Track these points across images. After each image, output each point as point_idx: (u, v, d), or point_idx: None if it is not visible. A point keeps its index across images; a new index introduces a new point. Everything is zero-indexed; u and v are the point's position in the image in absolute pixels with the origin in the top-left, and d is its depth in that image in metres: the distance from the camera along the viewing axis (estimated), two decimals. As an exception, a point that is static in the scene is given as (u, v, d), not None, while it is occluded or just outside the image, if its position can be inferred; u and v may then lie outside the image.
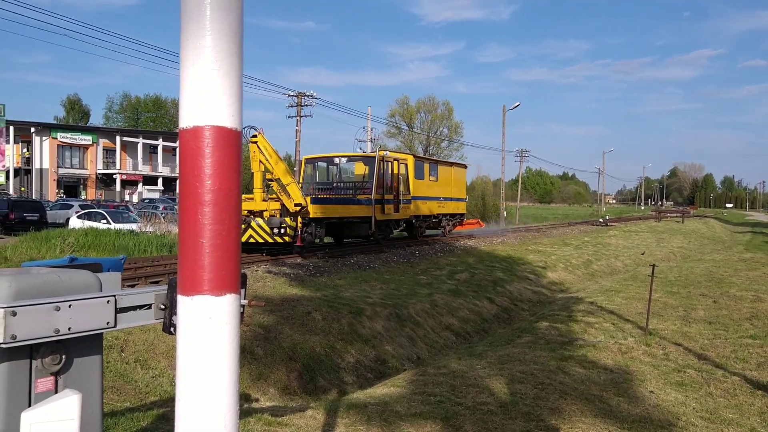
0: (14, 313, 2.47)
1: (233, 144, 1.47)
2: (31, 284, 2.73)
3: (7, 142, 51.78)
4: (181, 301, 1.49)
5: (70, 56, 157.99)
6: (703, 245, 35.22)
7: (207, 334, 1.45)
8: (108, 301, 2.81)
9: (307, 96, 46.24)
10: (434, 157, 50.07)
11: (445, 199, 28.29)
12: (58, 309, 2.63)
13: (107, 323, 2.82)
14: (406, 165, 24.19)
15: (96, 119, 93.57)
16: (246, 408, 6.42)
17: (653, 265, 10.70)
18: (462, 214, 30.97)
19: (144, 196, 59.26)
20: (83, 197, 57.10)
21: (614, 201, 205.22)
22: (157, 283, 12.09)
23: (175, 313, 3.01)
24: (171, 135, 71.54)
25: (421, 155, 43.32)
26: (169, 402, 6.45)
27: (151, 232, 23.65)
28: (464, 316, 14.17)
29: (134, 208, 38.11)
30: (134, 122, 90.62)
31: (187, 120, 1.46)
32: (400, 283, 15.44)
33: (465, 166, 33.53)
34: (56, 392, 2.77)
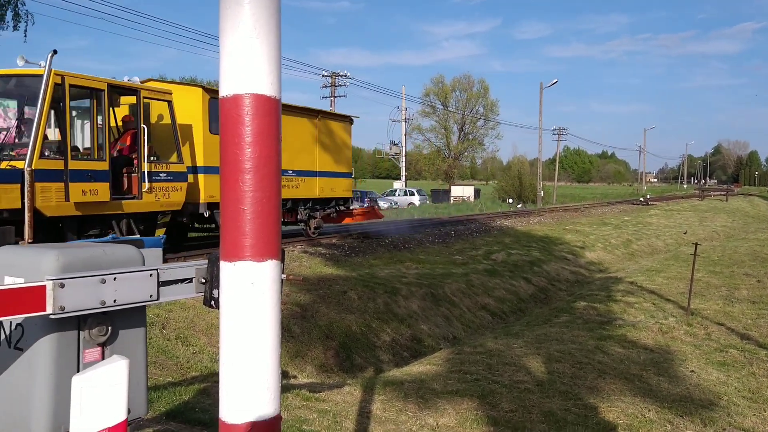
0: (62, 285, 2.54)
1: (272, 111, 1.47)
2: (78, 258, 2.80)
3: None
4: (224, 266, 1.51)
5: (108, 41, 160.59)
6: (747, 224, 34.30)
7: (249, 299, 1.47)
8: (151, 275, 2.87)
9: (341, 76, 46.19)
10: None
11: (300, 173, 15.97)
12: (103, 282, 2.69)
13: (150, 296, 2.88)
14: (171, 105, 12.32)
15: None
16: (284, 384, 6.52)
17: (696, 244, 10.48)
18: (345, 199, 18.26)
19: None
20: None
21: (655, 180, 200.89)
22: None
23: (216, 287, 3.09)
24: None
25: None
26: (209, 377, 6.59)
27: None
28: (500, 296, 14.11)
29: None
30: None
31: (227, 88, 1.47)
32: (435, 263, 15.44)
33: (347, 120, 18.73)
34: (102, 363, 2.85)
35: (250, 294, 1.46)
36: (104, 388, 1.85)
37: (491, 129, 72.47)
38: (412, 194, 50.73)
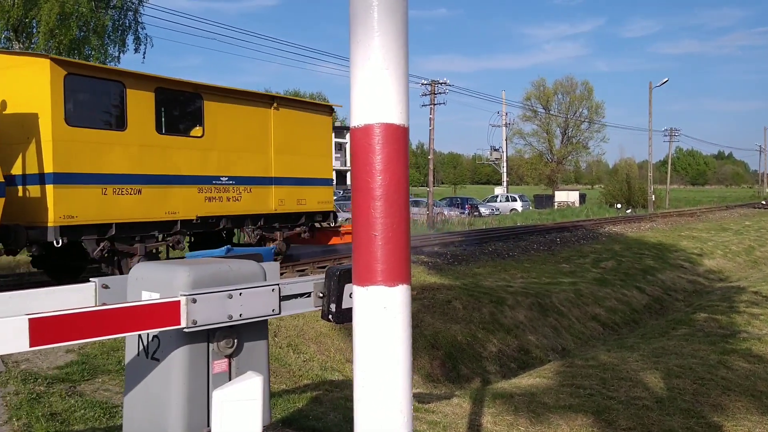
0: (194, 300, 2.70)
1: (401, 140, 1.51)
2: (206, 273, 2.97)
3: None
4: (357, 291, 1.55)
5: (217, 58, 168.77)
6: None
7: (382, 323, 1.51)
8: (273, 290, 3.00)
9: (441, 83, 46.19)
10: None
11: (242, 181, 12.04)
12: (230, 297, 2.84)
13: (273, 310, 3.01)
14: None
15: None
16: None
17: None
18: (325, 214, 14.22)
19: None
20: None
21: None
22: (303, 272, 12.69)
23: (333, 301, 3.18)
24: (310, 129, 74.46)
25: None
26: (320, 385, 6.76)
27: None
28: (612, 306, 13.58)
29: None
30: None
31: (358, 119, 1.52)
32: (541, 271, 15.09)
33: (324, 110, 14.40)
34: (230, 374, 3.00)
35: (383, 318, 1.50)
36: (241, 402, 1.95)
37: (596, 132, 70.02)
38: (514, 200, 49.84)
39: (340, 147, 76.29)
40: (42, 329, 2.34)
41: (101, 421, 4.47)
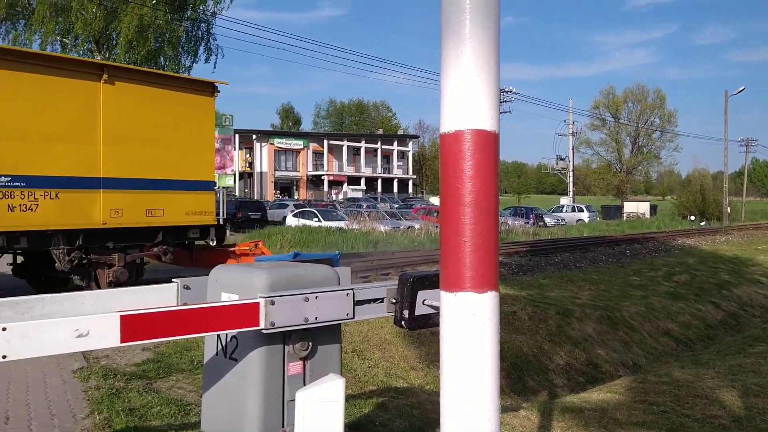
0: (273, 303, 2.77)
1: (491, 146, 1.51)
2: (283, 277, 3.04)
3: (235, 148, 58.00)
4: (445, 296, 1.56)
5: (284, 68, 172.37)
6: None
7: (470, 330, 1.51)
8: (347, 294, 3.03)
9: (506, 92, 45.75)
10: None
11: (42, 183, 8.74)
12: (307, 300, 2.89)
13: (347, 314, 3.04)
14: None
15: (306, 125, 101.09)
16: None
17: None
18: (202, 229, 10.82)
19: (349, 196, 62.83)
20: (296, 197, 62.01)
21: None
22: (367, 278, 12.77)
23: (406, 308, 3.19)
24: (372, 137, 75.08)
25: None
26: (385, 392, 6.77)
27: (357, 230, 25.04)
28: (685, 321, 13.08)
29: (341, 206, 40.57)
30: (339, 126, 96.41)
31: (448, 125, 1.53)
32: (609, 284, 14.69)
33: (201, 89, 10.78)
34: (304, 376, 3.05)
35: (472, 325, 1.50)
36: (324, 404, 1.98)
37: (668, 141, 67.74)
38: (581, 210, 48.74)
39: (403, 155, 76.42)
40: (132, 326, 2.44)
41: (176, 418, 4.61)
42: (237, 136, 59.74)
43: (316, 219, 28.29)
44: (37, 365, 5.66)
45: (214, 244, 11.09)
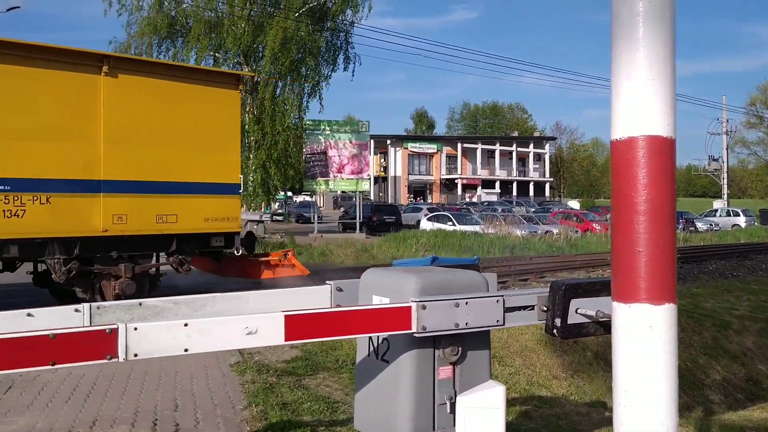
0: (424, 307, 2.81)
1: (668, 152, 1.45)
2: (433, 282, 3.08)
3: (370, 154, 59.49)
4: (618, 308, 1.52)
5: (418, 73, 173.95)
6: None
7: (647, 343, 1.45)
8: (498, 301, 3.02)
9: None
10: None
11: (29, 185, 7.92)
12: (457, 305, 2.91)
13: (497, 321, 3.03)
14: None
15: (440, 129, 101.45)
16: (608, 416, 6.28)
17: None
18: (224, 237, 9.76)
19: (483, 199, 62.27)
20: (429, 201, 62.40)
21: None
22: (504, 283, 12.58)
23: (557, 316, 3.13)
24: (507, 140, 73.93)
25: None
26: (528, 400, 6.64)
27: (492, 234, 24.74)
28: None
29: (475, 210, 40.28)
30: (473, 129, 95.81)
31: (620, 131, 1.49)
32: (772, 294, 13.47)
33: (223, 80, 9.88)
34: (454, 381, 3.08)
35: (648, 338, 1.44)
36: (485, 410, 1.99)
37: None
38: (737, 215, 45.03)
39: (539, 158, 74.57)
40: (295, 326, 2.58)
41: (325, 414, 4.81)
42: (372, 141, 61.27)
43: (451, 223, 28.29)
44: (199, 358, 6.12)
45: (239, 254, 10.04)
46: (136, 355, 2.26)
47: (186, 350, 2.37)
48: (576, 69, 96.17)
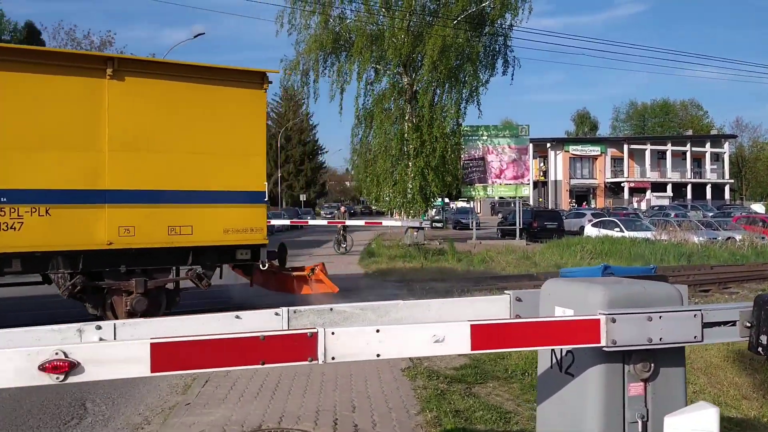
0: (614, 320, 2.69)
1: None
2: (621, 293, 2.94)
3: (530, 158, 58.25)
4: None
5: (579, 73, 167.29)
6: None
7: None
8: (695, 315, 2.82)
9: None
10: None
11: (25, 197, 7.55)
12: (650, 319, 2.75)
13: (694, 337, 2.82)
14: None
15: (603, 130, 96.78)
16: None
17: None
18: (250, 249, 9.06)
19: (652, 203, 58.46)
20: (593, 206, 59.72)
21: None
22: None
23: (763, 332, 2.86)
24: (680, 139, 68.89)
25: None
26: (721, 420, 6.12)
27: (665, 241, 23.11)
28: None
29: (644, 215, 37.90)
30: (640, 129, 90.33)
31: None
32: None
33: (253, 79, 8.99)
34: (645, 398, 2.91)
35: None
36: (696, 435, 1.86)
37: None
38: None
39: (717, 157, 68.68)
40: (480, 335, 2.58)
41: (498, 424, 4.76)
42: (531, 145, 59.94)
43: (618, 229, 26.87)
44: (372, 362, 6.33)
45: (265, 268, 9.23)
46: (333, 358, 2.38)
47: (378, 355, 2.45)
48: (757, 60, 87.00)
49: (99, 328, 2.64)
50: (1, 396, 5.51)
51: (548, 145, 64.23)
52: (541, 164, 65.51)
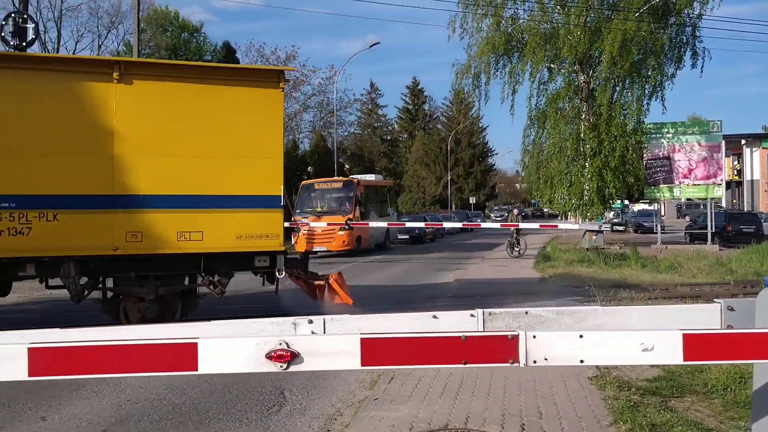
0: None
1: None
2: None
3: (722, 156, 53.27)
4: None
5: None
6: None
7: None
8: None
9: None
10: None
11: (35, 201, 7.69)
12: None
13: None
14: None
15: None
16: None
17: None
18: (272, 255, 8.75)
19: None
20: (800, 208, 53.17)
21: None
22: None
23: None
24: None
25: None
26: None
27: None
28: None
29: None
30: None
31: None
32: None
33: (268, 78, 8.79)
34: None
35: None
36: None
37: None
38: None
39: None
40: (694, 346, 2.42)
41: (701, 443, 4.42)
42: (723, 142, 54.81)
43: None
44: (556, 368, 6.16)
45: (282, 276, 8.89)
46: (534, 362, 2.36)
47: (581, 361, 2.39)
48: None
49: (311, 322, 2.84)
50: (213, 381, 6.13)
51: (743, 141, 58.28)
52: (735, 163, 59.66)
